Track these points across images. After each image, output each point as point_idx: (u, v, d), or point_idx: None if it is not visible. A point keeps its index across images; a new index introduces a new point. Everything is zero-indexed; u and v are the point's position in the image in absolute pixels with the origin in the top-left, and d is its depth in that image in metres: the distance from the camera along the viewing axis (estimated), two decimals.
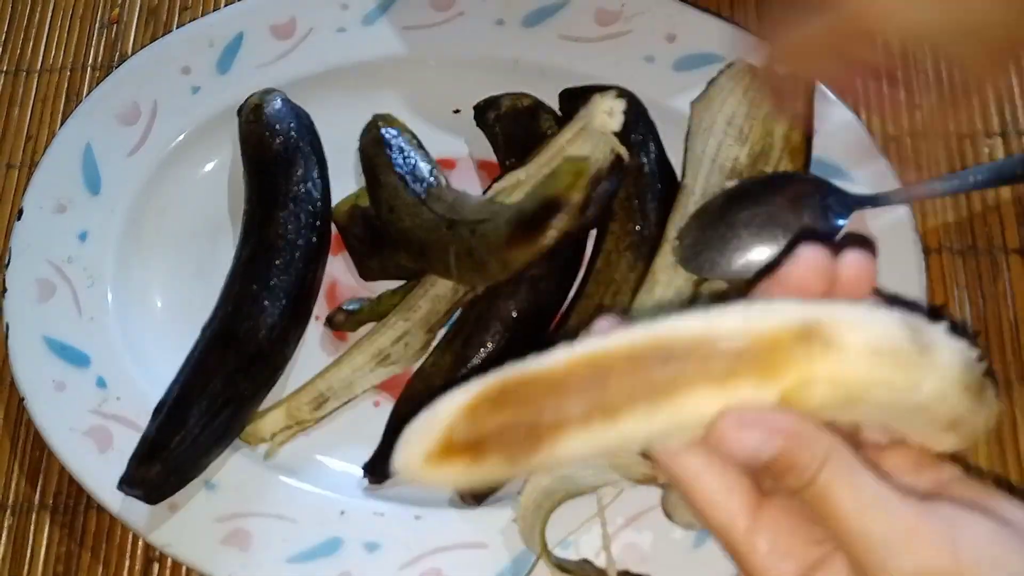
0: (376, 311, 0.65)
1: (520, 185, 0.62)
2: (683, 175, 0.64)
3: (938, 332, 0.35)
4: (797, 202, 0.61)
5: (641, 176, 0.64)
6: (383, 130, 0.65)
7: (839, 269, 0.36)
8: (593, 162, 0.58)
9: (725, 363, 0.33)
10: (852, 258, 0.36)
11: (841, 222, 0.60)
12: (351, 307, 0.65)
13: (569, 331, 0.61)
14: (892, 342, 0.34)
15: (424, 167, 0.65)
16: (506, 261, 0.57)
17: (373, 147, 0.65)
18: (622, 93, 0.63)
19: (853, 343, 0.33)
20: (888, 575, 0.33)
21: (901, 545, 0.34)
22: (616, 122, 0.61)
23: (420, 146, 0.67)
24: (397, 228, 0.63)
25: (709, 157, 0.63)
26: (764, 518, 0.36)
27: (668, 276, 0.61)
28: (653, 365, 0.33)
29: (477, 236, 0.59)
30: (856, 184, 0.64)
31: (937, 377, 0.34)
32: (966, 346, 0.35)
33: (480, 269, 0.59)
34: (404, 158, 0.64)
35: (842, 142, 0.65)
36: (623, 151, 0.59)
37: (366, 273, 0.66)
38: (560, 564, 0.57)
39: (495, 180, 0.64)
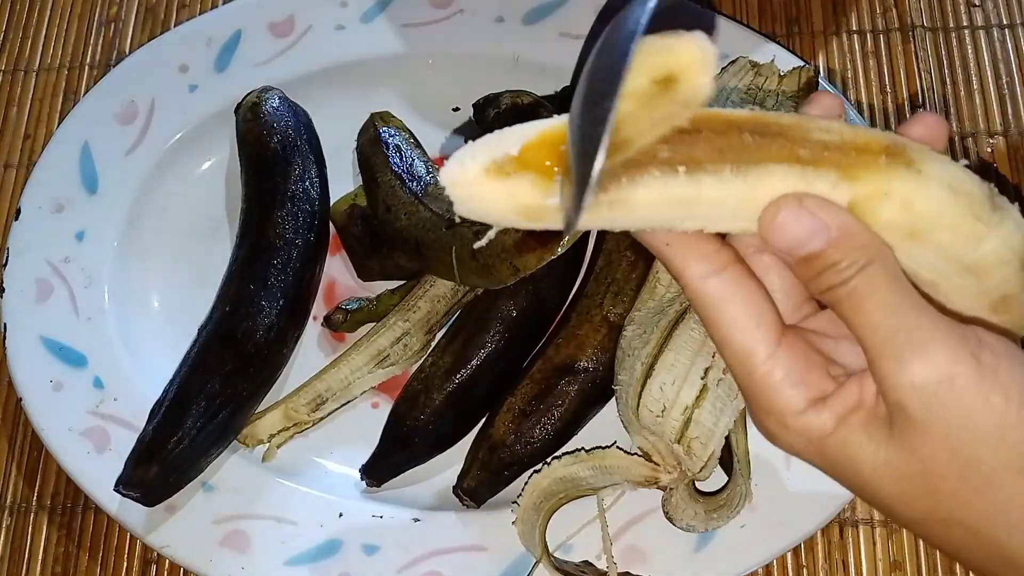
0: (375, 312, 0.64)
1: None
2: None
3: (1012, 205, 0.35)
4: None
5: None
6: (380, 129, 0.65)
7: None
8: None
9: (812, 151, 0.34)
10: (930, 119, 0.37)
11: None
12: (350, 307, 0.64)
13: (570, 331, 0.61)
14: (970, 187, 0.34)
15: (421, 166, 0.64)
16: (516, 266, 0.57)
17: (370, 146, 0.65)
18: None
19: (934, 172, 0.34)
20: (910, 375, 0.34)
21: (924, 345, 0.33)
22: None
23: (418, 144, 0.66)
24: (394, 227, 0.62)
25: None
26: (784, 348, 0.36)
27: (670, 275, 0.60)
28: (747, 135, 0.34)
29: (480, 239, 0.58)
30: None
31: (1000, 238, 0.35)
32: None
33: (485, 273, 0.59)
34: (401, 157, 0.64)
35: None
36: None
37: (364, 273, 0.66)
38: (560, 566, 0.56)
39: None
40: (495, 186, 0.34)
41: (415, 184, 0.63)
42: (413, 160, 0.64)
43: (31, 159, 0.72)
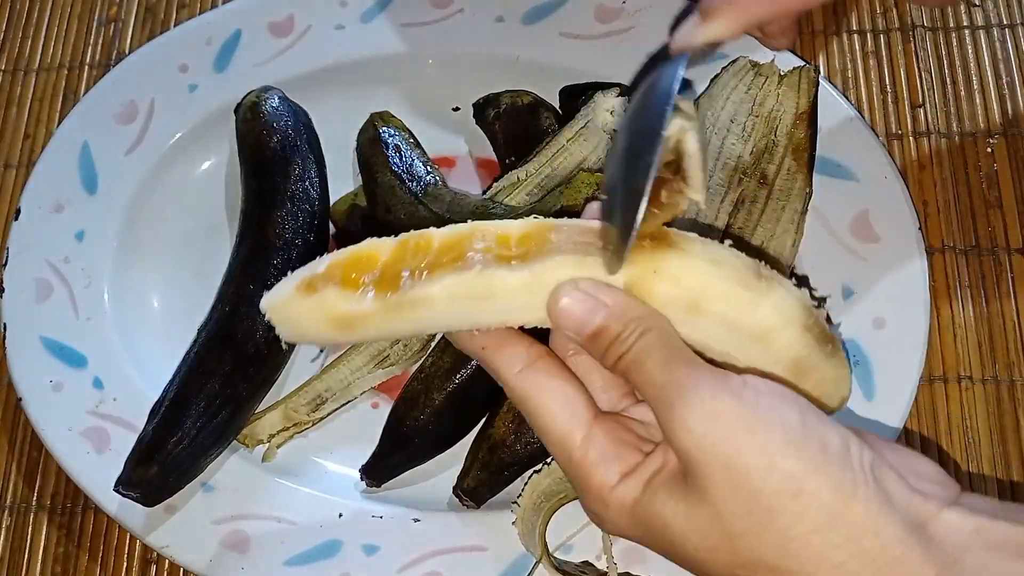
0: None
1: (520, 184, 0.62)
2: None
3: (776, 273, 0.39)
4: None
5: None
6: (380, 129, 0.65)
7: None
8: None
9: (588, 241, 0.38)
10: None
11: None
12: None
13: None
14: (732, 260, 0.39)
15: (421, 166, 0.64)
16: None
17: (370, 146, 0.65)
18: (624, 91, 0.63)
19: (696, 250, 0.39)
20: (682, 418, 0.36)
21: (692, 390, 0.36)
22: (618, 121, 0.61)
23: (417, 144, 0.66)
24: (394, 227, 0.62)
25: (712, 155, 0.62)
26: (597, 431, 0.39)
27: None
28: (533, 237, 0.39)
29: None
30: (860, 180, 0.63)
31: (771, 303, 0.38)
32: (805, 292, 0.40)
33: None
34: (401, 157, 0.64)
35: (845, 139, 0.64)
36: None
37: None
38: (561, 567, 0.56)
39: (495, 179, 0.63)
40: (306, 302, 0.39)
41: (414, 184, 0.63)
42: (413, 160, 0.64)
43: (31, 159, 0.72)
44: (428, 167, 0.65)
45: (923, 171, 0.67)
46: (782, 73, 0.63)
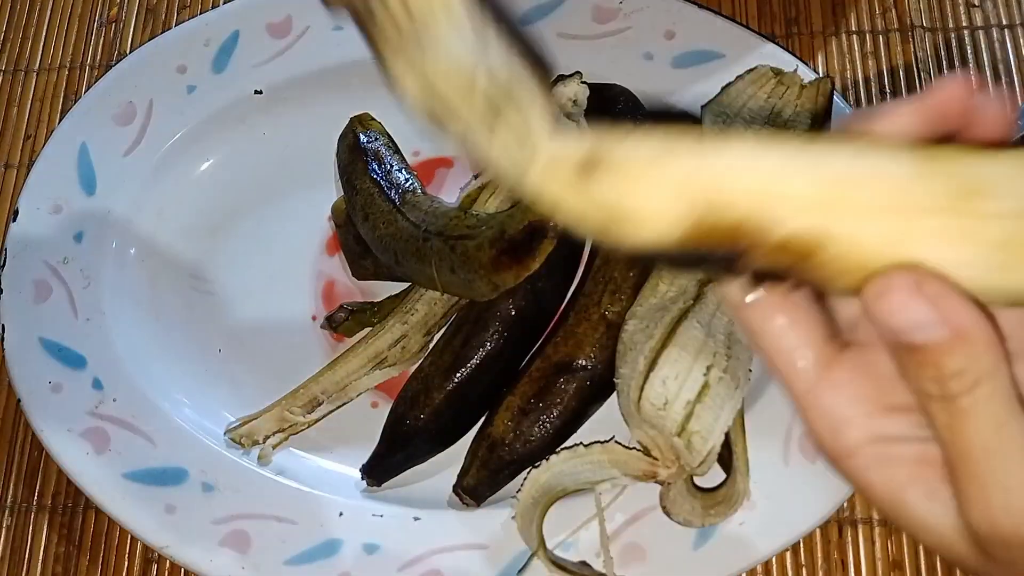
0: (377, 314, 0.64)
1: (493, 187, 0.62)
2: None
3: None
4: None
5: None
6: (360, 134, 0.65)
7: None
8: None
9: None
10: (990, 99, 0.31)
11: None
12: (352, 308, 0.64)
13: (568, 330, 0.61)
14: None
15: (400, 173, 0.64)
16: (494, 283, 0.58)
17: (349, 152, 0.65)
18: (583, 78, 0.63)
19: None
20: (994, 523, 0.29)
21: (1016, 494, 0.29)
22: (581, 109, 0.60)
23: (397, 150, 0.66)
24: (373, 236, 0.62)
25: None
26: (831, 381, 0.32)
27: (672, 273, 0.60)
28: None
29: (458, 254, 0.58)
30: None
31: None
32: None
33: (466, 288, 0.59)
34: (380, 163, 0.64)
35: None
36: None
37: (359, 272, 0.66)
38: (558, 562, 0.57)
39: (467, 183, 0.64)
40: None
41: (393, 192, 0.63)
42: (392, 167, 0.64)
43: (31, 159, 0.72)
44: (406, 173, 0.65)
45: None
46: (804, 83, 0.62)
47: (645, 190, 0.30)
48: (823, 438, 0.32)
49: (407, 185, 0.64)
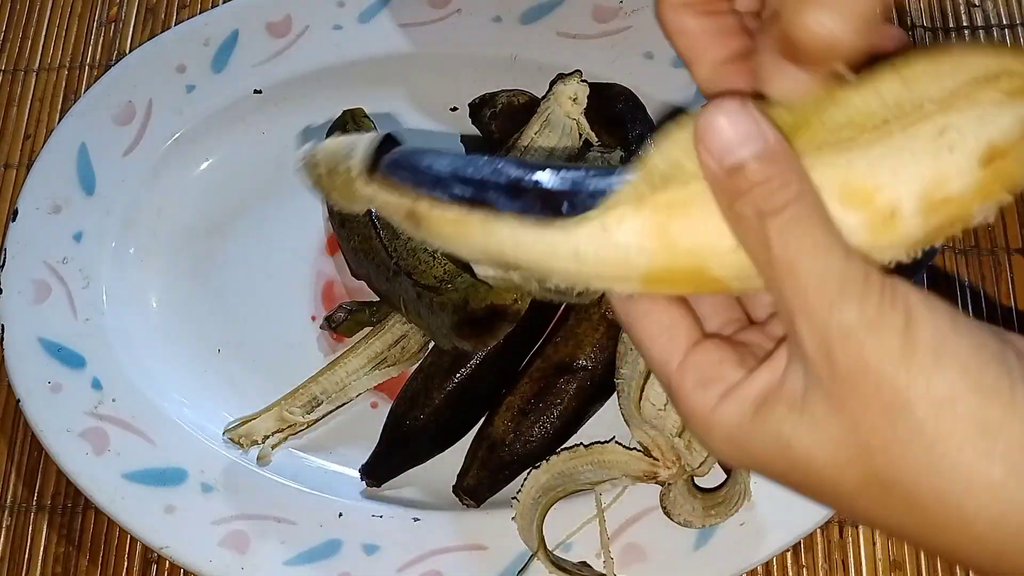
0: (377, 314, 0.64)
1: None
2: None
3: None
4: None
5: None
6: (350, 131, 0.65)
7: None
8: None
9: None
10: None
11: None
12: (352, 308, 0.64)
13: (568, 330, 0.61)
14: None
15: None
16: (454, 343, 0.58)
17: None
18: (584, 77, 0.63)
19: None
20: (824, 329, 0.31)
21: (842, 292, 0.31)
22: (581, 107, 0.60)
23: None
24: (348, 247, 0.62)
25: None
26: (695, 353, 0.35)
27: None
28: None
29: (424, 302, 0.58)
30: None
31: None
32: None
33: (430, 333, 0.60)
34: None
35: None
36: (592, 136, 0.59)
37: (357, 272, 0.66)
38: (558, 563, 0.57)
39: None
40: None
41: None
42: None
43: (31, 159, 0.72)
44: None
45: None
46: None
47: None
48: (687, 403, 0.35)
49: None
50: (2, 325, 0.64)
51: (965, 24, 0.71)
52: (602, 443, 0.57)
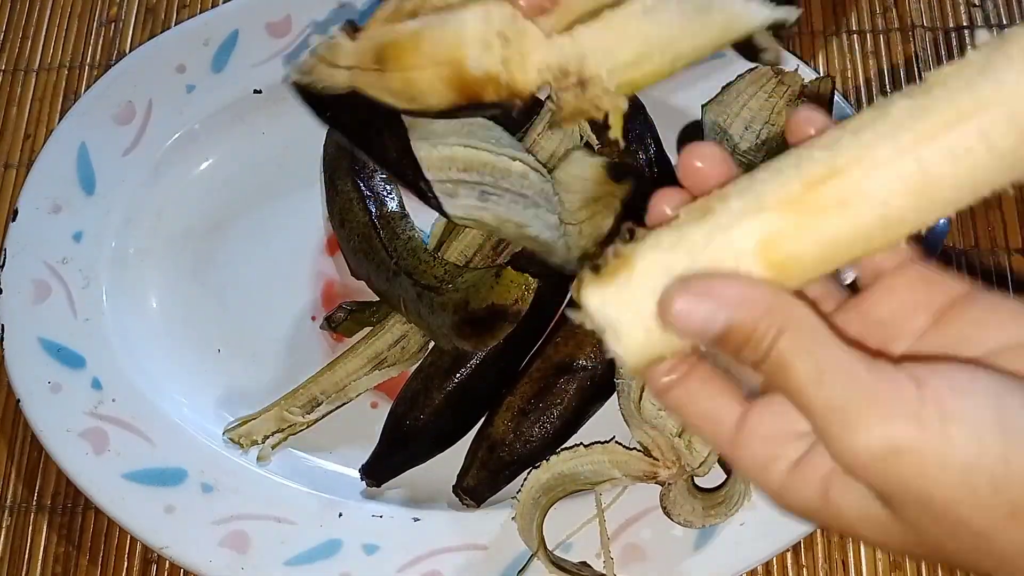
0: (377, 314, 0.64)
1: (459, 233, 0.62)
2: None
3: None
4: None
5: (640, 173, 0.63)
6: None
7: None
8: (531, 281, 0.58)
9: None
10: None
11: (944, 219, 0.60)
12: (352, 308, 0.64)
13: (568, 330, 0.61)
14: None
15: (381, 182, 0.64)
16: (454, 343, 0.58)
17: (336, 148, 0.64)
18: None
19: None
20: (853, 453, 0.31)
21: (858, 418, 0.30)
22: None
23: None
24: (348, 246, 0.62)
25: None
26: (747, 428, 0.35)
27: None
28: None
29: (424, 303, 0.59)
30: None
31: None
32: None
33: (430, 333, 0.60)
34: (364, 168, 0.63)
35: None
36: (593, 138, 0.59)
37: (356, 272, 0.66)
38: (558, 563, 0.57)
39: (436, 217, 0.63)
40: None
41: (372, 203, 0.63)
42: (375, 172, 0.64)
43: (31, 159, 0.72)
44: (388, 186, 0.64)
45: None
46: (805, 83, 0.62)
47: None
48: (756, 480, 0.35)
49: (387, 196, 0.63)
50: (2, 325, 0.64)
51: (965, 24, 0.71)
52: (602, 443, 0.57)
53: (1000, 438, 0.30)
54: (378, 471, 0.61)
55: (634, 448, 0.56)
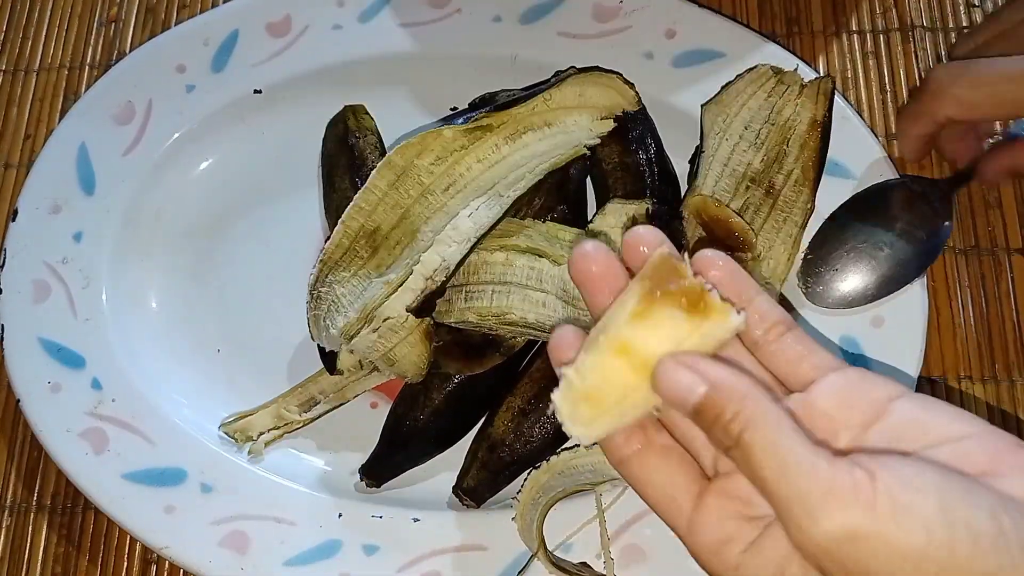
0: None
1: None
2: (693, 176, 0.63)
3: None
4: (907, 214, 0.62)
5: (640, 172, 0.63)
6: (351, 127, 0.65)
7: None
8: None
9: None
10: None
11: (948, 223, 0.61)
12: None
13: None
14: None
15: None
16: (438, 359, 0.59)
17: (335, 144, 0.64)
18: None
19: None
20: (815, 538, 0.34)
21: (819, 507, 0.33)
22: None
23: (383, 152, 0.66)
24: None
25: (721, 161, 0.62)
26: (703, 509, 0.38)
27: None
28: None
29: None
30: (858, 179, 0.63)
31: None
32: None
33: None
34: (363, 166, 0.63)
35: (844, 138, 0.64)
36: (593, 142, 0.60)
37: None
38: (558, 563, 0.57)
39: None
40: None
41: None
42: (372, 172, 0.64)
43: (31, 159, 0.72)
44: None
45: (922, 171, 0.67)
46: (804, 83, 0.62)
47: None
48: (709, 561, 0.38)
49: None
50: (2, 325, 0.64)
51: (965, 24, 0.71)
52: None
53: (946, 530, 0.33)
54: (378, 471, 0.61)
55: None
